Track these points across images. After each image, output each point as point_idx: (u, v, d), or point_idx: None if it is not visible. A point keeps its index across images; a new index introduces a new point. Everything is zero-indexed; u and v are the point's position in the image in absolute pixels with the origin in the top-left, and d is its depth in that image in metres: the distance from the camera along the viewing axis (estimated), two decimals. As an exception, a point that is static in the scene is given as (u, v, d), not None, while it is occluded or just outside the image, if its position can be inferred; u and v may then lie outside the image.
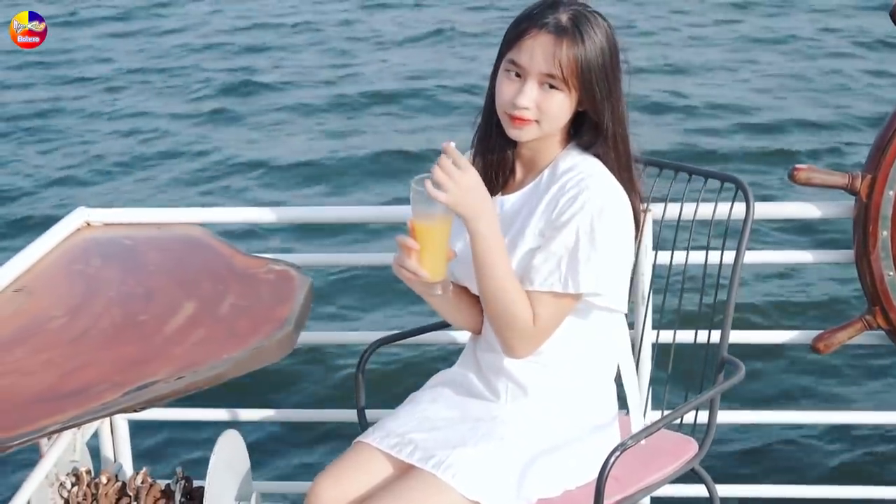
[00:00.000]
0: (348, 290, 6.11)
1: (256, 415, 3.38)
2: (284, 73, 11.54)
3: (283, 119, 10.18)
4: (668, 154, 8.18)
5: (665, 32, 12.45)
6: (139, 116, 10.40)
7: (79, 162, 9.19)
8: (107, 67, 12.06)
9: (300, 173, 8.59)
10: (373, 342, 2.76)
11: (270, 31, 13.41)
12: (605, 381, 2.47)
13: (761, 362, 4.84)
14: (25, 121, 10.31)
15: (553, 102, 2.22)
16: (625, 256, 2.28)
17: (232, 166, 8.85)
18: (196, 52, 12.65)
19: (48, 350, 2.33)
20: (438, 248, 2.19)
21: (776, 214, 2.97)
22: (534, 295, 2.25)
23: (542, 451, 2.36)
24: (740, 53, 11.41)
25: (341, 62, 11.90)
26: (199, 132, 9.85)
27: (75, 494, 2.64)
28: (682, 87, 10.27)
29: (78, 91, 11.34)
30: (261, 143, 9.46)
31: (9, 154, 9.54)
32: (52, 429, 2.00)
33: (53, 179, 8.82)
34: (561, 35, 2.19)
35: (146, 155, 9.27)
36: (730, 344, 2.65)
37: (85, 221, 3.11)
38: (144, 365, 2.24)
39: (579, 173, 2.26)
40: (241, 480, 2.72)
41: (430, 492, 2.25)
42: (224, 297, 2.56)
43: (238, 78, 11.31)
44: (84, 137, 9.85)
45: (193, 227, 3.05)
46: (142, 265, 2.83)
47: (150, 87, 11.38)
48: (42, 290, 2.66)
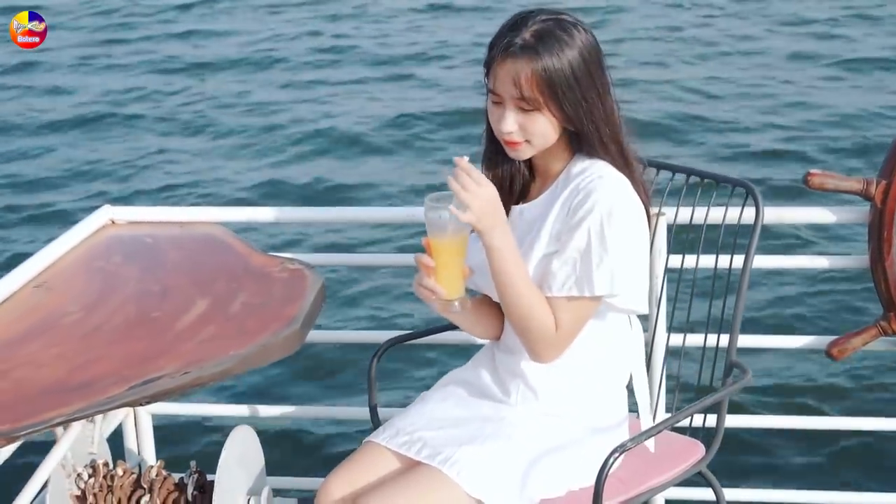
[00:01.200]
0: (365, 288, 6.16)
1: (276, 411, 3.43)
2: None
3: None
4: (702, 158, 8.21)
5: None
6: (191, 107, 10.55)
7: (123, 158, 9.36)
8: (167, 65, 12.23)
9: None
10: (386, 341, 2.79)
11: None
12: (617, 383, 2.48)
13: (775, 367, 4.82)
14: (80, 122, 10.48)
15: (535, 124, 2.24)
16: (639, 256, 2.29)
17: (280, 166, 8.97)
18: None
19: (61, 344, 2.39)
20: (454, 265, 2.21)
21: (787, 219, 2.95)
22: (553, 301, 2.28)
23: (547, 451, 2.38)
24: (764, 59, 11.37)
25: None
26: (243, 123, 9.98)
27: (91, 486, 2.70)
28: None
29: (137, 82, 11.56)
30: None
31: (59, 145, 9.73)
32: (57, 421, 2.06)
33: (102, 173, 8.96)
34: (520, 56, 2.19)
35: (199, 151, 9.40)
36: (744, 348, 2.66)
37: (109, 219, 3.18)
38: (152, 360, 2.29)
39: (588, 175, 2.28)
40: (253, 475, 2.76)
41: (434, 486, 2.28)
42: (237, 295, 2.61)
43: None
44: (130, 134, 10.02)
45: (214, 226, 3.10)
46: (160, 263, 2.89)
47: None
48: (61, 285, 2.72)
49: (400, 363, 4.74)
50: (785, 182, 7.48)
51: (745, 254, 2.59)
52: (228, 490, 2.62)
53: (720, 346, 2.65)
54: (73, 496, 2.71)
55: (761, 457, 4.09)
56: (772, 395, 4.54)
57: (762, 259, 3.03)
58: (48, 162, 9.41)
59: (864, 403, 4.56)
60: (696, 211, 2.76)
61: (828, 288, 5.55)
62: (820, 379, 4.79)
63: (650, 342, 2.94)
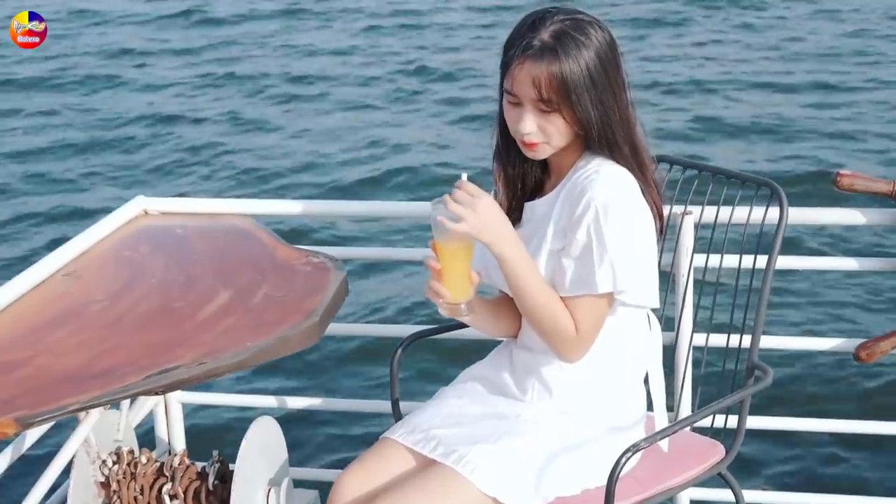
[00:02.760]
0: (391, 282, 6.18)
1: (304, 402, 3.46)
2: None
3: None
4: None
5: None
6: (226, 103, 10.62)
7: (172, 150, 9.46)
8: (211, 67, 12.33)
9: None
10: (408, 336, 2.81)
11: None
12: (633, 382, 2.48)
13: (803, 369, 4.77)
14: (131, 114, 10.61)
15: (553, 124, 2.24)
16: (641, 250, 2.28)
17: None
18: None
19: (84, 332, 2.43)
20: (459, 268, 2.22)
21: (812, 220, 2.92)
22: (567, 301, 2.28)
23: (562, 449, 2.38)
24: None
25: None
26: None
27: (115, 473, 2.74)
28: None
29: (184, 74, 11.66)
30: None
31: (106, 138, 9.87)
32: (72, 408, 2.09)
33: (151, 167, 9.08)
34: (539, 58, 2.19)
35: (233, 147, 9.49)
36: (772, 350, 2.64)
37: (143, 210, 3.22)
38: (171, 350, 2.32)
39: (586, 171, 2.28)
40: (275, 466, 2.79)
41: (448, 485, 2.28)
42: (259, 287, 2.64)
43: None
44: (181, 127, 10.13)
45: (244, 218, 3.14)
46: (187, 254, 2.92)
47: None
48: (89, 274, 2.77)
49: (424, 357, 4.77)
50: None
51: (769, 254, 2.57)
52: (248, 480, 2.65)
53: (742, 347, 2.63)
54: (97, 483, 2.75)
55: (783, 459, 4.05)
56: (798, 398, 4.50)
57: (790, 260, 3.00)
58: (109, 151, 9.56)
59: (892, 408, 4.50)
60: (722, 210, 2.74)
61: (857, 290, 5.49)
62: (847, 382, 4.74)
63: (678, 342, 2.93)
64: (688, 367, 2.94)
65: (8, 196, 8.61)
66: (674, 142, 8.73)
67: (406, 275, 6.30)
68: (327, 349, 5.12)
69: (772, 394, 4.11)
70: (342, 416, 4.57)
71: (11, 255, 7.09)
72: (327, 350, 5.12)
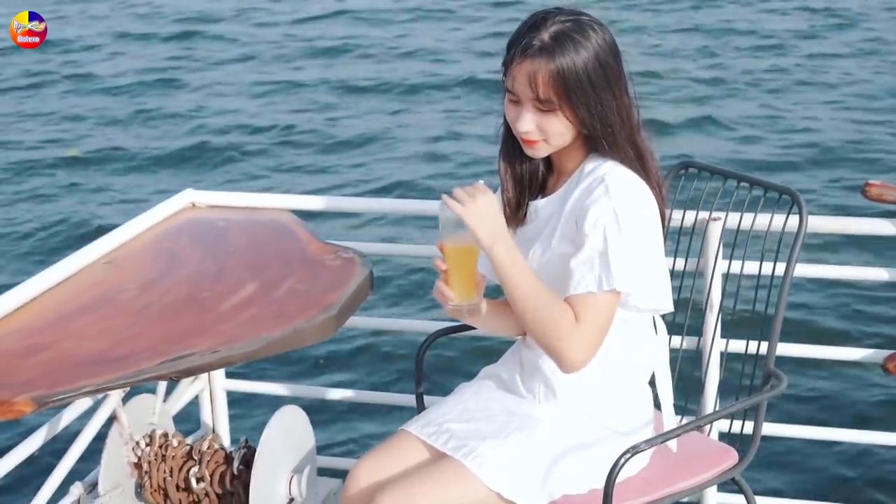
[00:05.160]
0: (423, 278, 6.22)
1: (342, 394, 3.54)
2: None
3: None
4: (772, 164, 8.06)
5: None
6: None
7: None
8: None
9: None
10: (434, 332, 2.87)
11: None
12: (639, 384, 2.50)
13: (830, 378, 4.69)
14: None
15: (551, 124, 2.27)
16: (652, 253, 2.30)
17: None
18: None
19: (110, 319, 2.54)
20: (464, 270, 2.25)
21: (830, 228, 2.90)
22: (573, 299, 2.27)
23: (571, 448, 2.41)
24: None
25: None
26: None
27: (147, 454, 2.86)
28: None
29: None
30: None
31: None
32: (86, 390, 2.20)
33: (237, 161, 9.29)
34: (537, 58, 2.22)
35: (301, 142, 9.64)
36: (800, 358, 2.63)
37: (191, 202, 3.33)
38: (189, 338, 2.41)
39: (599, 174, 2.30)
40: (299, 454, 2.88)
41: (455, 478, 2.33)
42: (285, 280, 2.72)
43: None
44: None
45: (284, 212, 3.22)
46: (224, 246, 3.01)
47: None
48: (127, 263, 2.88)
49: (451, 352, 4.83)
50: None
51: (787, 262, 2.57)
52: (269, 467, 2.74)
53: (760, 354, 2.64)
54: (130, 463, 2.87)
55: (801, 468, 4.01)
56: (823, 407, 4.44)
57: (818, 268, 2.99)
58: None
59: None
60: (747, 217, 2.75)
61: (889, 301, 5.38)
62: (875, 392, 4.66)
63: (697, 346, 2.94)
64: (714, 372, 2.94)
65: (76, 181, 8.90)
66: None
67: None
68: (379, 343, 5.23)
69: (796, 402, 4.08)
70: (377, 408, 4.65)
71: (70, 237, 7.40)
72: (377, 344, 5.23)
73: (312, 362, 5.25)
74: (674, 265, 2.85)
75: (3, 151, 9.79)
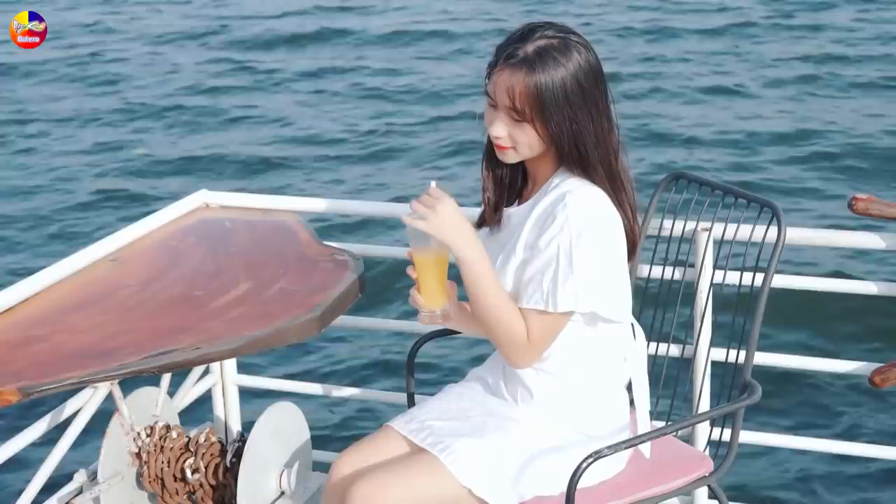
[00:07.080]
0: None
1: (348, 392, 3.63)
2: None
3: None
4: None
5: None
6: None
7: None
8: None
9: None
10: (424, 334, 2.94)
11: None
12: (615, 389, 2.55)
13: (817, 390, 4.67)
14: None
15: (522, 134, 2.33)
16: (610, 272, 2.36)
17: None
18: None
19: (104, 315, 2.65)
20: (433, 277, 2.34)
21: (810, 241, 2.92)
22: (524, 312, 2.38)
23: (544, 451, 2.47)
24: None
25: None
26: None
27: (146, 445, 2.96)
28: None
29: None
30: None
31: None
32: (69, 382, 2.31)
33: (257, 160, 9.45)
34: (518, 69, 2.28)
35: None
36: (789, 370, 2.67)
37: (204, 202, 3.43)
38: (175, 335, 2.51)
39: (563, 191, 2.35)
40: (291, 449, 2.97)
41: (428, 471, 2.41)
42: (278, 280, 2.80)
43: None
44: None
45: (290, 214, 3.30)
46: (226, 246, 3.10)
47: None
48: (132, 260, 2.98)
49: (443, 352, 4.90)
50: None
51: (765, 273, 2.60)
52: (258, 461, 2.83)
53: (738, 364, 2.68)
54: (131, 452, 2.98)
55: (778, 477, 3.99)
56: (810, 419, 4.42)
57: (810, 280, 3.02)
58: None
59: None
60: (731, 228, 2.79)
61: (877, 314, 5.34)
62: (860, 404, 4.63)
63: (682, 354, 2.98)
64: (705, 381, 2.98)
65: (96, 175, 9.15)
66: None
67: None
68: (389, 344, 5.33)
69: (781, 415, 4.07)
70: (377, 405, 4.73)
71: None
72: (388, 345, 5.32)
73: (328, 360, 5.34)
74: (662, 273, 2.91)
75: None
